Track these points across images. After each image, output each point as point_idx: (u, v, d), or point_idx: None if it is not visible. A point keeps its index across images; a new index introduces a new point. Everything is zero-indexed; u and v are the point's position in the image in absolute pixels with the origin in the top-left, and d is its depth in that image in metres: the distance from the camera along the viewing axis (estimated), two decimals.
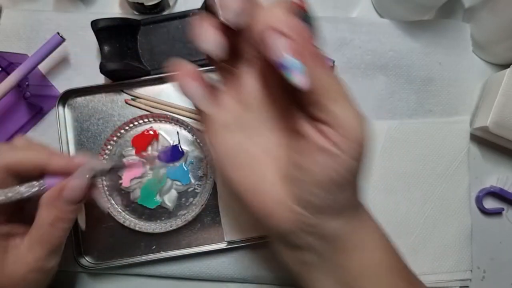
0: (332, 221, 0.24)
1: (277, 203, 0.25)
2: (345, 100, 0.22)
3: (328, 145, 0.22)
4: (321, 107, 0.22)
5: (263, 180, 0.25)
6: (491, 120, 0.38)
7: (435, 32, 0.44)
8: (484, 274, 0.42)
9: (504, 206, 0.42)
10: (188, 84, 0.24)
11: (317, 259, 0.26)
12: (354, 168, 0.23)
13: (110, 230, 0.40)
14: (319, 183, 0.23)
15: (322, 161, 0.22)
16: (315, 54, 0.21)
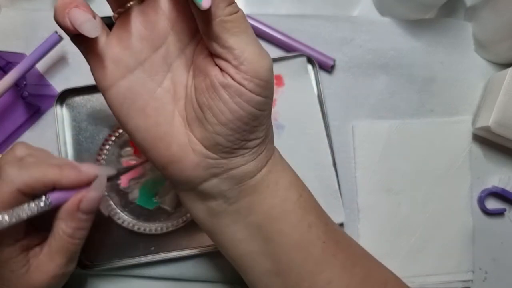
0: (242, 163, 0.24)
1: (183, 147, 0.24)
2: (246, 36, 0.22)
3: (227, 80, 0.22)
4: (220, 41, 0.22)
5: (168, 124, 0.24)
6: (493, 119, 0.38)
7: (436, 31, 0.43)
8: (486, 275, 0.42)
9: (506, 207, 0.42)
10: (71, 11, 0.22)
11: (227, 206, 0.25)
12: (260, 104, 0.22)
13: (108, 231, 0.39)
14: (223, 121, 0.22)
15: (223, 97, 0.22)
16: None
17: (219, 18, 0.21)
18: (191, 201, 0.27)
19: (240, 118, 0.22)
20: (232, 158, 0.24)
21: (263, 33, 0.42)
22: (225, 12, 0.21)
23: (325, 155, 0.41)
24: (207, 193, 0.25)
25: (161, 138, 0.24)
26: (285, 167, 0.27)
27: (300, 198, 0.27)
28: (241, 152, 0.24)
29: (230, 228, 0.26)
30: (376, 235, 0.41)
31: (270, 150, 0.26)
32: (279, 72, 0.42)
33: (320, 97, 0.41)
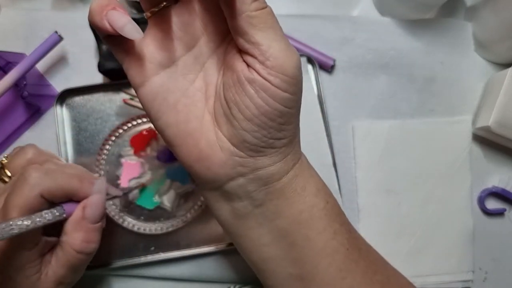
0: (269, 163, 0.24)
1: (212, 144, 0.24)
2: (273, 32, 0.22)
3: (253, 75, 0.22)
4: (247, 37, 0.22)
5: (197, 120, 0.24)
6: (493, 119, 0.38)
7: (436, 31, 0.43)
8: (486, 275, 0.42)
9: (506, 207, 0.42)
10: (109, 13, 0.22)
11: (253, 208, 0.25)
12: (286, 101, 0.22)
13: (108, 231, 0.39)
14: (249, 116, 0.22)
15: (249, 92, 0.22)
16: None
17: (246, 13, 0.21)
18: (216, 201, 0.26)
19: (265, 114, 0.22)
20: (259, 158, 0.24)
21: None
22: (251, 8, 0.21)
23: (325, 155, 0.41)
24: (233, 193, 0.25)
25: (190, 134, 0.24)
26: (312, 173, 0.27)
27: (327, 205, 0.27)
28: (268, 151, 0.24)
29: (254, 231, 0.26)
30: (376, 235, 0.41)
31: (297, 153, 0.26)
32: None
33: (320, 97, 0.41)
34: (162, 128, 0.25)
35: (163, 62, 0.24)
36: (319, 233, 0.26)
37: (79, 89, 0.40)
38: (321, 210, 0.26)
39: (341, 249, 0.26)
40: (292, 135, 0.25)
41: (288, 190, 0.25)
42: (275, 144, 0.24)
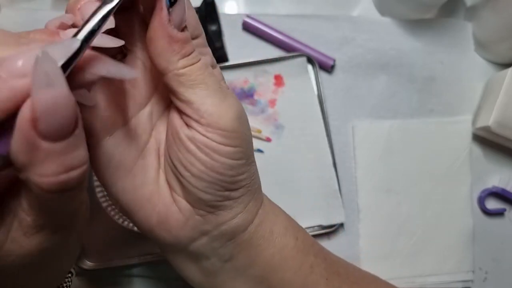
0: (231, 216, 0.23)
1: (169, 205, 0.23)
2: (204, 87, 0.21)
3: (192, 132, 0.21)
4: (177, 95, 0.21)
5: (154, 183, 0.23)
6: (493, 119, 0.38)
7: (436, 31, 0.43)
8: (486, 275, 0.42)
9: (506, 207, 0.42)
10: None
11: (222, 264, 0.24)
12: (231, 154, 0.21)
13: (108, 231, 0.39)
14: (196, 173, 0.21)
15: (191, 149, 0.21)
16: (170, 36, 0.20)
17: (172, 72, 0.20)
18: (183, 264, 0.25)
19: (212, 169, 0.21)
20: (219, 212, 0.23)
21: (263, 33, 0.42)
22: (178, 66, 0.20)
23: (325, 155, 0.41)
24: (199, 253, 0.24)
25: (148, 198, 0.23)
26: (277, 212, 0.26)
27: (297, 242, 0.26)
28: (227, 204, 0.23)
29: (228, 285, 0.25)
30: (376, 235, 0.41)
31: (258, 199, 0.25)
32: (279, 72, 0.42)
33: (320, 97, 0.41)
34: (117, 194, 0.23)
35: (116, 121, 0.22)
36: (295, 272, 0.25)
37: None
38: (293, 249, 0.25)
39: (321, 281, 0.26)
40: (248, 184, 0.23)
41: (256, 239, 0.24)
42: (232, 195, 0.23)
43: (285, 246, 0.25)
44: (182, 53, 0.20)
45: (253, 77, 0.42)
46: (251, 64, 0.41)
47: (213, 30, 0.41)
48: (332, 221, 0.40)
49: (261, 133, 0.41)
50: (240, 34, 0.43)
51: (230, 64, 0.41)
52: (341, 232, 0.41)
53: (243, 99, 0.41)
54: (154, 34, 0.20)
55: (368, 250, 0.41)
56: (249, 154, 0.23)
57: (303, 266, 0.25)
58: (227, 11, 0.44)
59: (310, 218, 0.40)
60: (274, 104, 0.41)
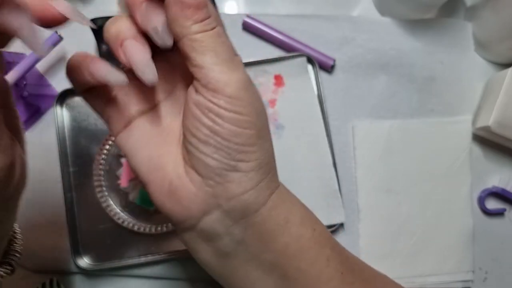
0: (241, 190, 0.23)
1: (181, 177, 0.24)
2: (214, 55, 0.22)
3: (198, 97, 0.22)
4: (189, 60, 0.22)
5: (169, 155, 0.24)
6: (493, 119, 0.38)
7: (436, 31, 0.43)
8: (486, 275, 0.42)
9: (506, 207, 0.42)
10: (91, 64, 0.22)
11: (235, 245, 0.24)
12: (236, 121, 0.22)
13: (108, 231, 0.39)
14: (202, 138, 0.22)
15: (196, 114, 0.22)
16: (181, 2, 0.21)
17: (186, 37, 0.21)
18: (196, 243, 0.25)
19: (217, 133, 0.22)
20: (228, 185, 0.23)
21: (263, 33, 0.42)
22: (192, 31, 0.21)
23: (325, 155, 0.41)
24: (211, 231, 0.24)
25: (162, 168, 0.24)
26: (294, 202, 0.26)
27: (314, 233, 0.26)
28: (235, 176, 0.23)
29: (241, 268, 0.25)
30: (376, 235, 0.41)
31: (272, 182, 0.25)
32: (279, 72, 0.42)
33: (320, 97, 0.41)
34: (135, 164, 0.25)
35: (143, 108, 0.25)
36: (312, 263, 0.25)
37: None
38: (309, 239, 0.25)
39: (336, 275, 0.25)
40: (259, 159, 0.23)
41: (270, 224, 0.24)
42: (240, 167, 0.23)
43: (301, 236, 0.25)
44: (195, 18, 0.21)
45: (253, 77, 0.41)
46: (251, 64, 0.41)
47: None
48: (332, 221, 0.40)
49: None
50: (240, 34, 0.43)
51: None
52: (341, 232, 0.41)
53: None
54: (168, 1, 0.21)
55: (368, 250, 0.41)
56: (260, 126, 0.23)
57: (319, 258, 0.25)
58: (227, 11, 0.44)
59: None
60: (274, 104, 0.41)
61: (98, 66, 0.22)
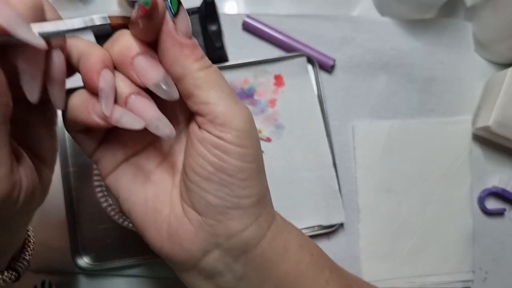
0: (241, 227, 0.23)
1: (179, 218, 0.23)
2: (219, 89, 0.22)
3: (203, 134, 0.22)
4: (194, 98, 0.22)
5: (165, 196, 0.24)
6: (493, 119, 0.38)
7: (436, 31, 0.43)
8: (486, 275, 0.42)
9: (506, 207, 0.42)
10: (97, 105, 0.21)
11: (237, 281, 0.24)
12: (241, 156, 0.22)
13: (108, 230, 0.39)
14: (206, 175, 0.22)
15: (201, 151, 0.22)
16: (180, 43, 0.21)
17: (189, 76, 0.21)
18: (197, 282, 0.24)
19: (222, 170, 0.22)
20: (229, 222, 0.22)
21: (263, 33, 0.42)
22: (194, 68, 0.21)
23: (325, 155, 0.41)
24: (212, 269, 0.24)
25: (159, 210, 0.24)
26: (290, 229, 0.26)
27: (312, 257, 0.26)
28: (236, 213, 0.22)
29: None
30: (376, 235, 0.41)
31: (270, 214, 0.25)
32: (279, 72, 0.42)
33: (320, 97, 0.41)
34: (130, 208, 0.24)
35: (135, 149, 0.24)
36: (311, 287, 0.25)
37: (79, 89, 0.40)
38: (308, 264, 0.25)
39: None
40: (259, 193, 0.23)
41: (269, 255, 0.24)
42: (242, 203, 0.22)
43: (300, 262, 0.25)
44: (194, 57, 0.21)
45: (253, 77, 0.42)
46: (251, 64, 0.41)
47: (213, 30, 0.41)
48: (332, 221, 0.40)
49: (261, 133, 0.41)
50: (240, 34, 0.43)
51: (230, 64, 0.41)
52: (341, 232, 0.41)
53: (243, 99, 0.41)
54: (165, 45, 0.21)
55: (368, 250, 0.41)
56: (260, 160, 0.23)
57: (318, 281, 0.25)
58: (227, 11, 0.44)
59: (310, 218, 0.40)
60: (274, 104, 0.41)
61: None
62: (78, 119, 0.21)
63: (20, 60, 0.18)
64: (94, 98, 0.21)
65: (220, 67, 0.41)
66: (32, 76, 0.18)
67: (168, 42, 0.21)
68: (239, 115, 0.22)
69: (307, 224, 0.40)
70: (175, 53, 0.21)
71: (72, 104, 0.22)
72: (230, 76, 0.41)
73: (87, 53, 0.21)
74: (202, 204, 0.22)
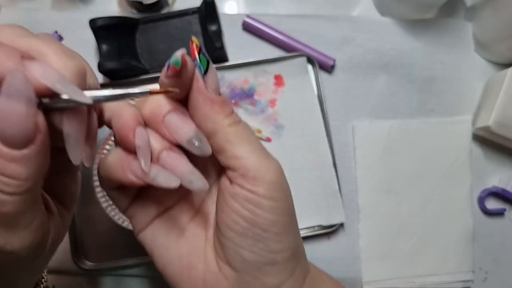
0: (277, 283, 0.22)
1: (215, 274, 0.23)
2: (249, 144, 0.22)
3: (235, 189, 0.22)
4: (225, 153, 0.22)
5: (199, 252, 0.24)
6: (493, 119, 0.38)
7: (436, 31, 0.43)
8: (486, 275, 0.42)
9: (506, 207, 0.42)
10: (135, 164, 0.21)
11: None
12: (274, 209, 0.22)
13: (108, 231, 0.39)
14: (240, 231, 0.22)
15: (234, 207, 0.22)
16: (211, 100, 0.21)
17: (220, 131, 0.21)
18: None
19: (256, 225, 0.21)
20: (264, 278, 0.22)
21: (263, 33, 0.42)
22: (225, 123, 0.21)
23: (325, 155, 0.41)
24: None
25: (194, 267, 0.23)
26: (324, 278, 0.26)
27: None
28: (272, 269, 0.22)
29: None
30: (376, 235, 0.41)
31: (305, 266, 0.24)
32: (279, 72, 0.42)
33: (320, 97, 0.41)
34: (165, 265, 0.24)
35: (168, 204, 0.24)
36: None
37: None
38: None
39: None
40: (293, 247, 0.23)
41: None
42: (277, 258, 0.22)
43: None
44: (225, 113, 0.22)
45: (253, 77, 0.42)
46: (251, 64, 0.41)
47: (213, 30, 0.41)
48: (332, 221, 0.40)
49: (261, 133, 0.41)
50: (240, 34, 0.43)
51: (230, 64, 0.41)
52: (341, 232, 0.41)
53: (243, 99, 0.41)
54: (196, 102, 0.21)
55: (368, 250, 0.41)
56: (292, 212, 0.23)
57: None
58: (227, 11, 0.44)
59: (310, 218, 0.40)
60: (274, 104, 0.41)
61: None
62: (114, 178, 0.21)
63: (66, 124, 0.18)
64: (129, 156, 0.21)
65: (220, 67, 0.41)
66: (76, 139, 0.18)
67: (199, 99, 0.21)
68: (270, 168, 0.22)
69: (307, 224, 0.40)
70: (206, 109, 0.21)
71: (108, 163, 0.22)
72: (230, 76, 0.41)
73: (119, 112, 0.21)
74: (238, 261, 0.22)
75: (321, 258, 0.40)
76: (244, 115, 0.41)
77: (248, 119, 0.41)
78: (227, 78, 0.41)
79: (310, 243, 0.40)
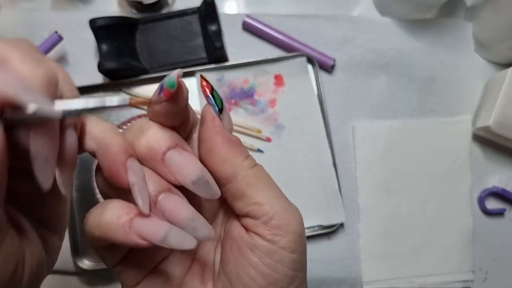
0: None
1: None
2: (272, 189, 0.20)
3: (255, 240, 0.19)
4: (247, 199, 0.19)
5: None
6: (493, 119, 0.38)
7: (436, 31, 0.43)
8: (486, 275, 0.41)
9: (506, 207, 0.42)
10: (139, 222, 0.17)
11: None
12: (295, 263, 0.19)
13: None
14: (258, 284, 0.19)
15: (252, 260, 0.19)
16: (230, 141, 0.19)
17: (241, 174, 0.19)
18: None
19: (274, 283, 0.19)
20: None
21: (263, 33, 0.42)
22: (245, 166, 0.19)
23: (325, 155, 0.41)
24: None
25: None
26: None
27: None
28: None
29: None
30: (376, 235, 0.41)
31: None
32: (279, 72, 0.42)
33: (320, 97, 0.41)
34: None
35: (158, 259, 0.21)
36: None
37: (79, 89, 0.40)
38: None
39: None
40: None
41: None
42: None
43: None
44: (244, 154, 0.20)
45: (253, 77, 0.42)
46: (251, 64, 0.41)
47: (213, 30, 0.41)
48: (332, 221, 0.40)
49: (261, 133, 0.41)
50: (240, 34, 0.43)
51: (230, 64, 0.41)
52: (341, 232, 0.41)
53: (243, 99, 0.41)
54: (213, 144, 0.19)
55: (368, 250, 0.41)
56: (306, 267, 0.21)
57: None
58: (227, 11, 0.44)
59: (310, 218, 0.40)
60: (274, 104, 0.41)
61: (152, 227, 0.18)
62: (112, 238, 0.18)
63: (33, 141, 0.15)
64: (131, 213, 0.17)
65: (220, 67, 0.41)
66: (45, 160, 0.16)
67: (217, 140, 0.19)
68: (294, 217, 0.20)
69: (307, 224, 0.40)
70: (225, 151, 0.19)
71: (104, 221, 0.18)
72: (230, 76, 0.41)
73: (105, 143, 0.18)
74: None
75: (321, 258, 0.40)
76: (244, 115, 0.41)
77: (248, 119, 0.41)
78: (227, 78, 0.41)
79: (310, 243, 0.40)
